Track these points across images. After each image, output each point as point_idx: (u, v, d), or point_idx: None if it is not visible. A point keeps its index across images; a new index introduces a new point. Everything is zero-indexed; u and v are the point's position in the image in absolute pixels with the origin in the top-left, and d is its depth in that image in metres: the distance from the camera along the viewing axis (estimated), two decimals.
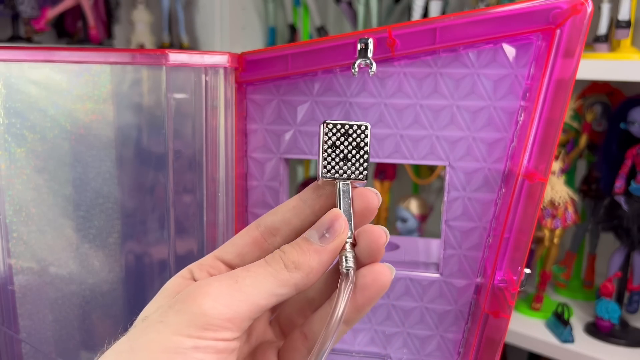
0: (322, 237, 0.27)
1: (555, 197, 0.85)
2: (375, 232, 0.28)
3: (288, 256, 0.27)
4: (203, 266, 0.29)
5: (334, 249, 0.27)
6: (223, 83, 0.42)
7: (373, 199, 0.29)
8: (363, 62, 0.39)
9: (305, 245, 0.27)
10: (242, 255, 0.29)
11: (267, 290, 0.26)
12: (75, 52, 0.40)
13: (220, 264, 0.29)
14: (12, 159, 0.42)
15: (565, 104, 0.37)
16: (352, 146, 0.28)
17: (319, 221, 0.28)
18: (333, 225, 0.27)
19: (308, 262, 0.27)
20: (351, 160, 0.28)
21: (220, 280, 0.26)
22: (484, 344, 0.41)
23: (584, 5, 0.35)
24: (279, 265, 0.26)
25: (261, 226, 0.29)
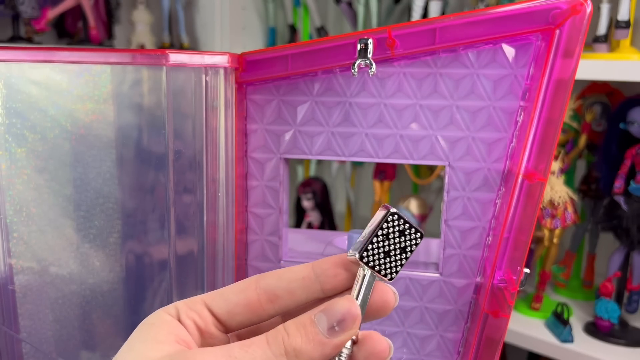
0: (330, 329, 0.25)
1: (554, 197, 0.85)
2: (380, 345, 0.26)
3: (291, 341, 0.24)
4: (190, 311, 0.27)
5: (340, 345, 0.25)
6: (223, 83, 0.42)
7: (391, 299, 0.27)
8: (363, 63, 0.39)
9: (312, 331, 0.25)
10: (233, 315, 0.27)
11: None
12: (76, 52, 0.40)
13: (207, 314, 0.27)
14: (13, 159, 0.42)
15: (564, 104, 0.37)
16: (401, 246, 0.27)
17: (330, 307, 0.25)
18: (346, 320, 0.25)
19: (310, 354, 0.24)
20: (391, 258, 0.27)
21: (216, 357, 0.24)
22: (484, 343, 0.41)
23: (584, 6, 0.35)
24: (279, 349, 0.24)
25: (260, 288, 0.27)
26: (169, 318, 0.26)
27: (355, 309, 0.25)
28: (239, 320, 0.27)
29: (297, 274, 0.27)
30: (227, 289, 0.27)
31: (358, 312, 0.25)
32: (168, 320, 0.26)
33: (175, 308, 0.27)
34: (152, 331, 0.26)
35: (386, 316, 0.27)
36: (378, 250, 0.27)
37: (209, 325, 0.27)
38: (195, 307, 0.27)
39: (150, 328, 0.26)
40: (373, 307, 0.26)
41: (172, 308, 0.27)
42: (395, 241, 0.27)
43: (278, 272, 0.27)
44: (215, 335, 0.27)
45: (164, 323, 0.26)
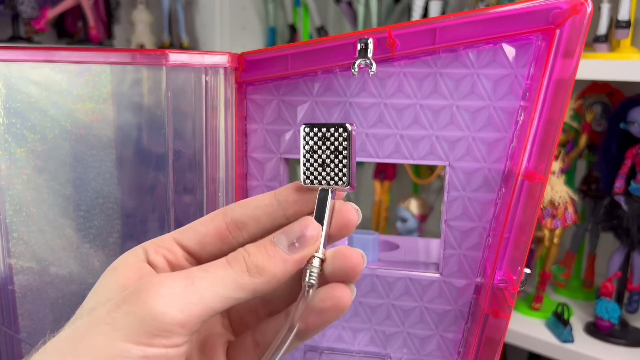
0: (290, 246, 0.25)
1: (555, 197, 0.85)
2: (353, 258, 0.26)
3: (252, 259, 0.25)
4: (159, 248, 0.27)
5: (301, 260, 0.26)
6: (223, 83, 0.42)
7: (352, 215, 0.27)
8: (363, 62, 0.39)
9: (272, 250, 0.25)
10: (203, 244, 0.27)
11: (224, 294, 0.24)
12: (76, 52, 0.40)
13: (178, 248, 0.27)
14: (13, 159, 0.42)
15: (565, 104, 0.37)
16: (330, 151, 0.26)
17: (289, 226, 0.26)
18: (304, 235, 0.26)
19: (272, 269, 0.25)
20: (329, 166, 0.26)
21: (174, 279, 0.23)
22: (484, 343, 0.41)
23: (584, 6, 0.35)
24: (240, 267, 0.25)
25: (228, 217, 0.27)
26: (133, 260, 0.26)
27: (313, 225, 0.26)
28: (210, 250, 0.27)
29: (260, 201, 0.27)
30: (194, 223, 0.28)
31: (315, 226, 0.26)
32: (132, 262, 0.26)
33: (143, 248, 0.27)
34: (114, 275, 0.26)
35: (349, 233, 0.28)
36: (313, 166, 0.26)
37: (179, 259, 0.27)
38: (165, 244, 0.27)
39: (113, 272, 0.26)
40: (337, 226, 0.27)
41: (139, 249, 0.27)
42: (324, 149, 0.26)
43: (242, 202, 0.28)
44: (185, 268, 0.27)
45: (127, 266, 0.26)
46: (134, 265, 0.26)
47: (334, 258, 0.26)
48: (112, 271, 0.26)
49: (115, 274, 0.26)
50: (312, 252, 0.26)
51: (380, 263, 0.46)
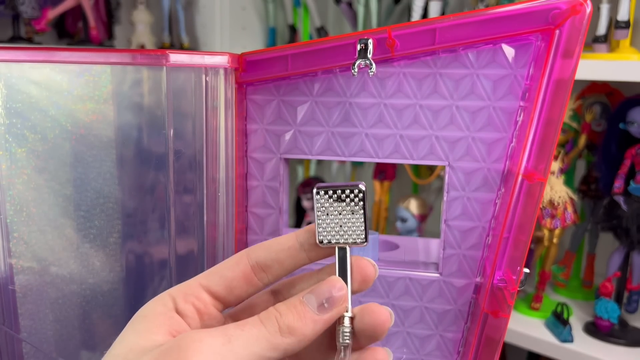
0: (320, 306, 0.26)
1: (554, 197, 0.85)
2: (381, 315, 0.27)
3: (284, 319, 0.26)
4: (188, 296, 0.27)
5: (331, 320, 0.26)
6: (223, 83, 0.42)
7: (370, 270, 0.28)
8: (363, 63, 0.39)
9: (302, 310, 0.26)
10: (231, 289, 0.28)
11: (257, 353, 0.25)
12: (76, 52, 0.40)
13: (205, 294, 0.28)
14: (13, 159, 0.42)
15: (564, 104, 0.37)
16: (346, 211, 0.27)
17: (318, 287, 0.27)
18: (333, 297, 0.26)
19: (302, 330, 0.26)
20: (347, 225, 0.27)
21: (213, 337, 0.24)
22: (484, 343, 0.41)
23: (583, 6, 0.35)
24: (273, 327, 0.25)
25: (252, 260, 0.28)
26: (162, 309, 0.27)
27: (340, 285, 0.27)
28: (237, 293, 0.28)
29: (283, 244, 0.28)
30: (220, 267, 0.28)
31: (343, 287, 0.27)
32: (161, 311, 0.27)
33: (171, 297, 0.27)
34: (144, 323, 0.26)
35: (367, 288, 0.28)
36: (329, 228, 0.27)
37: (207, 306, 0.28)
38: (192, 291, 0.28)
39: (143, 320, 0.26)
40: (356, 281, 0.28)
41: (167, 298, 0.27)
42: (339, 211, 0.27)
43: (265, 244, 0.28)
44: (213, 315, 0.28)
45: (157, 315, 0.26)
46: (164, 314, 0.26)
47: (363, 315, 0.27)
48: (142, 319, 0.26)
49: (145, 321, 0.26)
50: (342, 312, 0.27)
51: (380, 263, 0.46)
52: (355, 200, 0.27)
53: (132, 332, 0.26)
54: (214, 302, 0.28)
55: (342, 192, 0.27)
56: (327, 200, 0.27)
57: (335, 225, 0.27)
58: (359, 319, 0.27)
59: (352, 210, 0.27)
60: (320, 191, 0.27)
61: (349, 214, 0.27)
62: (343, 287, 0.27)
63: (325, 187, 0.27)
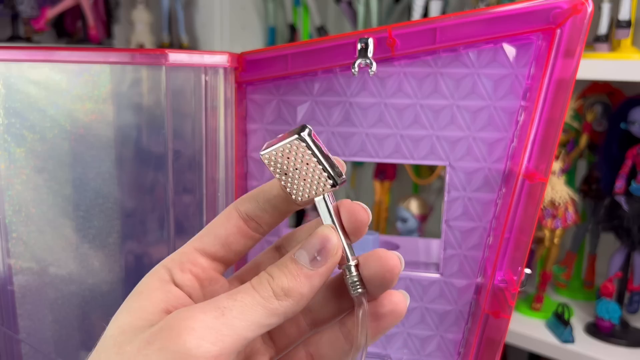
0: (313, 260, 0.25)
1: (555, 197, 0.84)
2: (389, 260, 0.25)
3: (277, 282, 0.24)
4: (184, 265, 0.26)
5: (327, 272, 0.25)
6: (223, 83, 0.42)
7: (362, 215, 0.26)
8: (363, 62, 0.39)
9: (295, 269, 0.25)
10: (228, 245, 0.26)
11: (255, 321, 0.23)
12: (75, 52, 0.40)
13: (202, 258, 0.26)
14: (12, 159, 0.42)
15: (565, 103, 0.37)
16: (300, 163, 0.25)
17: (307, 241, 0.25)
18: (325, 247, 0.25)
19: (299, 289, 0.24)
20: (309, 177, 0.25)
21: (204, 312, 0.23)
22: (484, 344, 0.41)
23: (584, 5, 0.35)
24: (267, 292, 0.24)
25: (242, 214, 0.26)
26: (158, 284, 0.25)
27: (330, 235, 0.25)
28: (235, 249, 0.27)
29: (268, 193, 0.26)
30: (211, 227, 0.27)
31: (334, 236, 0.25)
32: (157, 286, 0.25)
33: (166, 268, 0.26)
34: (139, 301, 0.25)
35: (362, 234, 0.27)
36: (295, 184, 0.26)
37: (207, 270, 0.26)
38: (188, 257, 0.26)
39: (138, 297, 0.25)
40: (350, 227, 0.26)
41: (162, 270, 0.26)
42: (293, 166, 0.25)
43: (251, 195, 0.27)
44: (215, 279, 0.27)
45: (152, 290, 0.25)
46: (160, 289, 0.25)
47: (369, 262, 0.26)
48: (137, 295, 0.25)
49: (140, 298, 0.25)
50: (336, 261, 0.25)
51: None
52: (302, 150, 0.25)
53: (125, 311, 0.25)
54: (213, 264, 0.27)
55: (284, 149, 0.25)
56: (276, 161, 0.25)
57: (299, 180, 0.25)
58: (365, 266, 0.26)
59: (305, 161, 0.25)
60: (265, 154, 0.25)
61: (304, 165, 0.25)
62: (333, 235, 0.25)
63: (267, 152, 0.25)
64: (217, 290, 0.27)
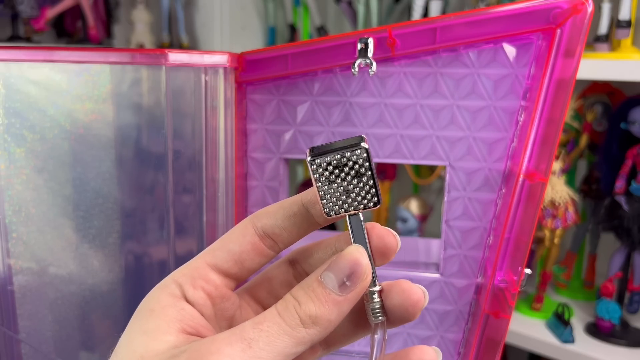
0: (342, 285, 0.23)
1: (555, 197, 0.84)
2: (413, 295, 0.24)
3: (304, 309, 0.23)
4: (196, 281, 0.25)
5: (356, 298, 0.23)
6: (223, 83, 0.42)
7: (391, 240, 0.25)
8: (363, 62, 0.39)
9: (323, 294, 0.23)
10: (242, 263, 0.25)
11: (282, 352, 0.22)
12: (75, 52, 0.40)
13: (214, 275, 0.25)
14: (12, 159, 0.42)
15: (565, 103, 0.37)
16: (351, 176, 0.23)
17: (335, 263, 0.23)
18: (356, 272, 0.23)
19: (327, 316, 0.23)
20: (355, 191, 0.24)
21: (231, 344, 0.22)
22: (485, 344, 0.41)
23: (585, 5, 0.35)
24: (294, 320, 0.23)
25: (259, 230, 0.25)
26: (170, 300, 0.24)
27: (361, 258, 0.23)
28: (249, 266, 0.25)
29: (289, 209, 0.25)
30: (225, 241, 0.25)
31: (365, 260, 0.23)
32: (169, 302, 0.24)
33: (177, 284, 0.25)
34: (152, 320, 0.24)
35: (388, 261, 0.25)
36: (334, 198, 0.24)
37: (219, 288, 0.25)
38: (200, 273, 0.25)
39: (151, 316, 0.24)
40: (377, 252, 0.25)
41: (173, 286, 0.24)
42: (342, 177, 0.24)
43: (269, 211, 0.25)
44: (226, 296, 0.26)
45: (165, 308, 0.24)
46: (173, 306, 0.24)
47: (393, 293, 0.24)
48: (149, 314, 0.24)
49: (153, 318, 0.24)
50: (366, 287, 0.23)
51: None
52: (360, 162, 0.23)
53: (139, 332, 0.23)
54: (225, 281, 0.25)
55: (342, 157, 0.23)
56: (326, 169, 0.23)
57: (341, 194, 0.24)
58: (388, 296, 0.24)
59: (357, 173, 0.23)
60: (316, 160, 0.23)
61: (355, 178, 0.23)
62: (364, 259, 0.23)
63: (321, 155, 0.23)
64: (228, 308, 0.26)
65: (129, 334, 0.24)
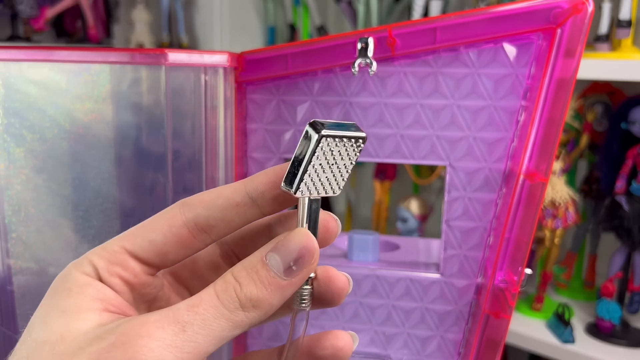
0: (287, 269, 0.22)
1: (556, 197, 0.84)
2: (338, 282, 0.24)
3: (245, 292, 0.21)
4: (112, 266, 0.23)
5: (300, 282, 0.22)
6: (222, 83, 0.42)
7: (332, 225, 0.24)
8: (363, 62, 0.39)
9: (267, 277, 0.21)
10: (164, 255, 0.23)
11: (218, 336, 0.21)
12: (75, 51, 0.40)
13: (134, 263, 0.23)
14: (11, 158, 0.42)
15: (566, 103, 0.37)
16: (343, 163, 0.23)
17: (283, 245, 0.22)
18: (303, 256, 0.22)
19: (269, 300, 0.21)
20: (335, 177, 0.23)
21: (162, 327, 0.20)
22: (485, 344, 0.41)
23: (585, 5, 0.35)
24: (233, 303, 0.21)
25: (190, 222, 0.23)
26: (86, 279, 0.22)
27: (312, 243, 0.22)
28: (172, 258, 0.23)
29: (229, 200, 0.23)
30: (147, 228, 0.23)
31: (315, 245, 0.22)
32: (86, 282, 0.22)
33: (92, 266, 0.23)
34: (70, 298, 0.22)
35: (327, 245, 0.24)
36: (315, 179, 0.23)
37: (138, 275, 0.23)
38: (117, 259, 0.23)
39: (69, 295, 0.22)
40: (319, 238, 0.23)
41: (87, 266, 0.23)
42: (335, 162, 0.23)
43: (205, 199, 0.23)
44: (147, 282, 0.24)
45: (83, 287, 0.22)
46: (91, 285, 0.22)
47: (322, 281, 0.24)
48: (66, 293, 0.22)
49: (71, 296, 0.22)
50: (312, 272, 0.23)
51: (381, 263, 0.45)
52: (355, 151, 0.23)
53: (57, 311, 0.22)
54: (145, 269, 0.23)
55: (348, 140, 0.23)
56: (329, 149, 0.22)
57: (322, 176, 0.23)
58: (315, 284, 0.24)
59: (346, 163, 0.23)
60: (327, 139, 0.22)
61: (341, 165, 0.23)
62: (314, 242, 0.22)
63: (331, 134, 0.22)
64: (149, 292, 0.24)
65: (45, 313, 0.22)
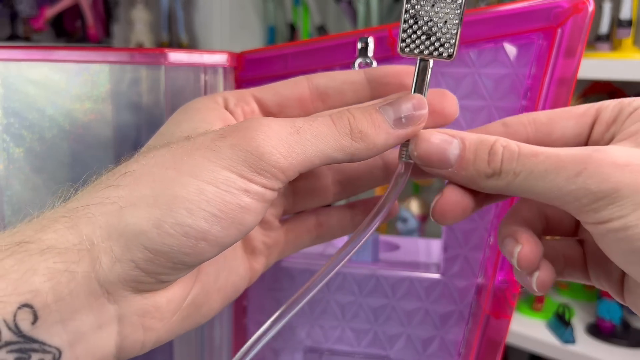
0: (397, 120, 0.24)
1: None
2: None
3: (357, 123, 0.24)
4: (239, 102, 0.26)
5: (405, 137, 0.25)
6: (222, 82, 0.42)
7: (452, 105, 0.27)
8: (363, 62, 0.39)
9: (378, 119, 0.24)
10: (282, 107, 0.27)
11: (324, 151, 0.23)
12: (74, 51, 0.40)
13: (256, 107, 0.26)
14: (11, 159, 0.42)
15: (566, 103, 0.37)
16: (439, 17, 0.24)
17: (397, 101, 0.25)
18: (414, 115, 0.24)
19: (374, 138, 0.24)
20: (436, 35, 0.24)
21: (281, 125, 0.23)
22: (485, 344, 0.41)
23: (585, 5, 0.35)
24: (344, 129, 0.24)
25: (312, 86, 0.27)
26: (215, 105, 0.26)
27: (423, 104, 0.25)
28: (287, 113, 0.27)
29: (348, 77, 0.27)
30: (277, 84, 0.27)
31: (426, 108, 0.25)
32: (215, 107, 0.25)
33: (223, 97, 0.26)
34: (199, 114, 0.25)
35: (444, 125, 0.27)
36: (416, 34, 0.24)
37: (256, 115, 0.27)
38: (244, 97, 0.26)
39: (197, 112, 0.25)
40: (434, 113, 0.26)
41: (218, 96, 0.26)
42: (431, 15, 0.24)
43: (328, 72, 0.27)
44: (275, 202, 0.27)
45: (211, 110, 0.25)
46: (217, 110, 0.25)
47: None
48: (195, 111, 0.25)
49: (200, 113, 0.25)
50: (417, 131, 0.25)
51: (381, 264, 0.45)
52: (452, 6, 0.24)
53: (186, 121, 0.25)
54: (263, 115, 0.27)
55: None
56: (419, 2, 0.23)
57: (422, 33, 0.24)
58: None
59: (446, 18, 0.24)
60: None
61: (441, 22, 0.24)
62: (424, 105, 0.25)
63: None
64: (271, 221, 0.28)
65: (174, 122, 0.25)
